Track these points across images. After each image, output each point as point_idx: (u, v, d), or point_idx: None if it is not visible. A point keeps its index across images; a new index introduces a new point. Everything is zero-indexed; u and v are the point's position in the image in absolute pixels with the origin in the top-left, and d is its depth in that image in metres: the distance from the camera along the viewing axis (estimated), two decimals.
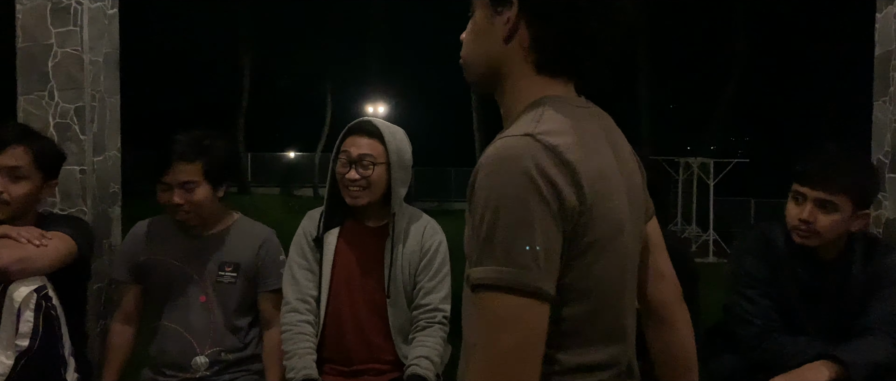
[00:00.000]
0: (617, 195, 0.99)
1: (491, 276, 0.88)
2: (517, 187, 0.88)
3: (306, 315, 1.98)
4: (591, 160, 0.95)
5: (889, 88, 2.26)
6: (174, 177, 1.92)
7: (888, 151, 2.26)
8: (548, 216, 0.89)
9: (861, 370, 1.79)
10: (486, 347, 0.88)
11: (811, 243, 1.90)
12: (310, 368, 1.90)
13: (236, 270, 2.03)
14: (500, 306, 0.87)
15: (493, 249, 0.88)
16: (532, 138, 0.91)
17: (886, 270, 1.97)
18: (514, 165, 0.89)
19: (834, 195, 1.83)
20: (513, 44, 1.00)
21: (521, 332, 0.87)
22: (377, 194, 1.97)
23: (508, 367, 0.87)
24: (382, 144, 1.96)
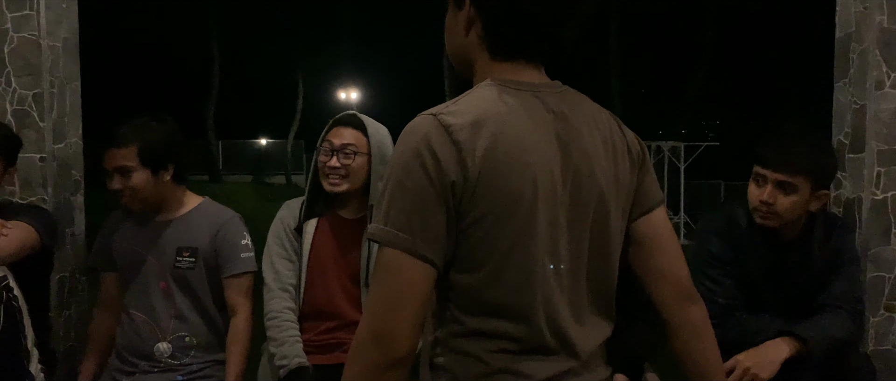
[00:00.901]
0: (522, 173, 1.03)
1: (375, 232, 1.02)
2: (406, 158, 1.01)
3: (289, 303, 2.01)
4: (497, 139, 1.02)
5: (849, 69, 2.30)
6: (110, 163, 1.92)
7: (848, 132, 2.30)
8: (428, 187, 1.00)
9: (820, 346, 1.84)
10: (372, 291, 1.03)
11: (772, 224, 1.94)
12: (300, 356, 1.91)
13: (194, 255, 2.00)
14: (382, 259, 1.02)
15: (380, 209, 1.02)
16: (433, 117, 1.04)
17: (845, 248, 2.03)
18: (410, 140, 1.03)
19: (793, 177, 1.87)
20: (470, 35, 1.12)
21: (397, 283, 1.00)
22: (356, 183, 2.00)
23: (384, 311, 1.00)
24: (365, 137, 2.00)
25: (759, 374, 1.80)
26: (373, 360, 1.00)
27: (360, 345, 1.01)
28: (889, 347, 2.22)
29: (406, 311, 1.00)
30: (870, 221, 2.21)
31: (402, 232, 0.99)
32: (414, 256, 1.00)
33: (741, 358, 1.83)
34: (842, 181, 2.35)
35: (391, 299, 1.00)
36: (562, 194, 1.06)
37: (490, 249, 1.03)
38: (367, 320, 1.01)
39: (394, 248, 1.00)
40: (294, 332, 1.96)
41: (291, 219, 2.07)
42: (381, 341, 0.99)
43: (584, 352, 1.11)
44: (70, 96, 2.29)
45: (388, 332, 0.99)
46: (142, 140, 1.91)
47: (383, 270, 1.01)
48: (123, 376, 1.98)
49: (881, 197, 2.20)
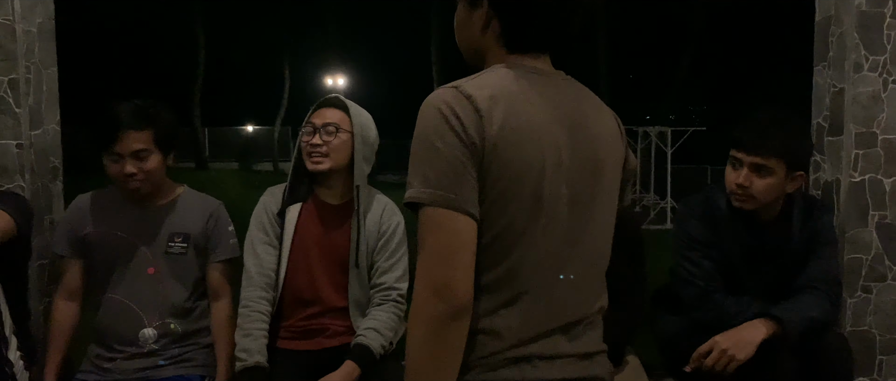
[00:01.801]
0: (532, 148, 1.11)
1: (414, 194, 1.07)
2: (435, 123, 1.08)
3: (266, 292, 2.01)
4: (510, 114, 1.09)
5: (828, 53, 2.31)
6: (126, 146, 1.88)
7: (827, 115, 2.32)
8: (460, 147, 1.07)
9: (796, 327, 1.86)
10: (421, 249, 1.07)
11: (748, 207, 1.96)
12: (261, 354, 1.91)
13: (186, 240, 2.01)
14: (427, 218, 1.07)
15: (415, 173, 1.08)
16: (455, 89, 1.10)
17: (823, 229, 2.05)
18: (433, 105, 1.09)
19: (767, 159, 1.88)
20: (488, 33, 1.20)
21: (446, 236, 1.06)
22: (339, 161, 1.99)
23: (439, 264, 1.05)
24: (348, 117, 2.01)
25: (736, 355, 1.83)
26: (437, 314, 1.05)
27: (422, 303, 1.06)
28: (866, 327, 2.25)
29: (459, 261, 1.06)
30: (847, 203, 2.23)
31: (444, 190, 1.05)
32: (458, 211, 1.06)
33: (718, 340, 1.86)
34: (820, 164, 2.37)
35: (444, 252, 1.05)
36: (568, 172, 1.14)
37: (496, 215, 1.10)
38: (424, 276, 1.06)
39: (438, 206, 1.05)
40: (262, 326, 1.96)
41: (274, 204, 2.07)
42: (442, 292, 1.04)
43: (578, 314, 1.18)
44: (47, 82, 2.26)
45: (447, 283, 1.05)
46: (156, 124, 1.92)
47: (430, 228, 1.06)
48: (105, 362, 1.97)
49: (859, 179, 2.22)
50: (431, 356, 1.07)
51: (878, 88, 2.20)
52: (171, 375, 1.96)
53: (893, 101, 2.20)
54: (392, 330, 2.00)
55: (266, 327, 1.98)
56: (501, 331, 1.11)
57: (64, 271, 2.05)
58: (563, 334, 1.15)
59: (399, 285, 2.04)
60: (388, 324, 1.98)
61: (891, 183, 2.22)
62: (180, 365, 1.99)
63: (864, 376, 2.26)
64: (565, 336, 1.16)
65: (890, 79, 2.19)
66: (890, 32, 2.18)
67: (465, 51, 1.26)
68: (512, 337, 1.11)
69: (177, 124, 2.01)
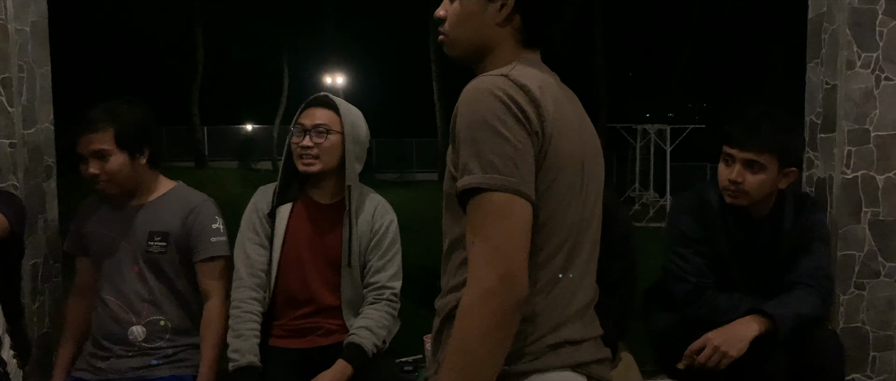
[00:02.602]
0: (573, 140, 1.14)
1: (478, 180, 1.04)
2: (495, 109, 1.06)
3: (256, 292, 2.00)
4: (553, 104, 1.12)
5: (821, 50, 2.31)
6: (86, 147, 1.90)
7: (820, 111, 2.32)
8: (523, 133, 1.06)
9: (787, 323, 1.87)
10: (484, 238, 1.04)
11: (741, 203, 1.96)
12: (253, 353, 1.92)
13: (165, 239, 1.99)
14: (489, 204, 1.04)
15: (477, 159, 1.05)
16: (505, 77, 1.10)
17: (815, 226, 2.05)
18: (489, 92, 1.07)
19: (760, 155, 1.89)
20: (507, 28, 1.20)
21: (513, 224, 1.04)
22: (330, 163, 1.99)
23: (506, 252, 1.02)
24: (338, 117, 1.99)
25: (728, 352, 1.83)
26: (504, 304, 1.02)
27: (487, 294, 1.02)
28: (859, 324, 2.25)
29: (524, 249, 1.04)
30: (840, 200, 2.23)
31: (509, 175, 1.04)
32: (522, 196, 1.04)
33: (711, 336, 1.86)
34: (813, 161, 2.37)
35: (510, 240, 1.03)
36: (589, 163, 1.19)
37: (543, 204, 1.11)
38: (489, 266, 1.02)
39: (503, 191, 1.03)
40: (254, 326, 1.96)
41: (265, 204, 2.06)
42: (509, 282, 1.02)
43: (586, 298, 1.22)
44: (40, 81, 2.26)
45: (514, 273, 1.02)
46: (118, 123, 1.90)
47: (495, 215, 1.03)
48: (98, 361, 1.97)
49: (851, 176, 2.22)
50: (494, 348, 1.04)
51: (871, 85, 2.20)
52: (164, 375, 1.97)
53: (886, 97, 2.20)
54: (385, 329, 2.00)
55: (257, 327, 1.97)
56: (536, 318, 1.12)
57: (77, 269, 2.09)
58: (580, 319, 1.19)
59: (392, 284, 2.04)
60: (381, 323, 1.98)
61: (883, 180, 2.22)
62: (173, 365, 1.99)
63: (858, 372, 2.26)
64: (581, 321, 1.19)
65: (882, 76, 2.19)
66: (882, 29, 2.18)
67: (462, 44, 1.24)
68: (545, 324, 1.13)
69: (147, 122, 1.98)
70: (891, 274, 2.24)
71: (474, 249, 1.04)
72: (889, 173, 2.22)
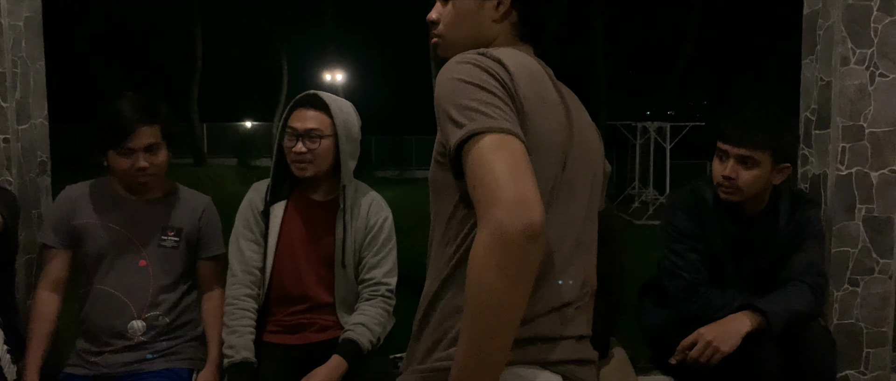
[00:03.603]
0: (555, 130, 1.11)
1: (466, 132, 0.99)
2: (465, 70, 1.05)
3: (250, 289, 2.01)
4: (530, 85, 1.09)
5: (816, 46, 2.31)
6: (140, 141, 1.90)
7: (814, 108, 2.32)
8: (495, 83, 1.04)
9: (780, 319, 1.87)
10: (485, 173, 0.96)
11: (735, 199, 1.97)
12: (248, 349, 1.92)
13: (179, 234, 2.03)
14: (481, 146, 0.98)
15: (460, 113, 1.01)
16: (482, 54, 1.08)
17: (809, 222, 2.06)
18: (460, 61, 1.07)
19: (753, 151, 1.90)
20: (504, 23, 1.21)
21: (511, 155, 0.97)
22: (324, 166, 1.99)
23: (513, 179, 0.95)
24: (329, 117, 1.97)
25: (720, 347, 1.84)
26: (518, 232, 0.92)
27: (498, 225, 0.93)
28: (853, 320, 2.25)
29: (532, 178, 0.97)
30: (834, 196, 2.23)
31: (495, 118, 1.00)
32: (515, 136, 0.99)
33: (703, 331, 1.87)
34: (808, 157, 2.37)
35: (514, 167, 0.96)
36: (584, 154, 1.16)
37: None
38: (495, 195, 0.94)
39: (495, 132, 0.98)
40: (249, 322, 1.97)
41: (259, 201, 2.06)
42: (522, 206, 0.93)
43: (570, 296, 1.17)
44: (34, 76, 2.26)
45: (526, 196, 0.94)
46: (162, 118, 1.95)
47: (491, 150, 0.97)
48: (91, 355, 1.97)
49: (845, 173, 2.22)
50: (514, 286, 0.94)
51: (865, 82, 2.19)
52: (159, 368, 1.97)
53: (880, 94, 2.20)
54: (380, 325, 2.00)
55: (252, 323, 1.98)
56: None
57: (48, 262, 2.01)
58: (558, 316, 1.14)
59: (387, 281, 2.04)
60: (376, 319, 1.98)
61: (877, 176, 2.22)
62: (168, 358, 1.99)
63: (852, 368, 2.26)
64: (559, 318, 1.14)
65: (877, 72, 2.19)
66: (877, 26, 2.18)
67: (463, 43, 1.22)
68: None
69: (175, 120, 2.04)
70: (885, 271, 2.24)
71: (477, 190, 0.97)
72: (883, 170, 2.22)
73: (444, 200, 1.13)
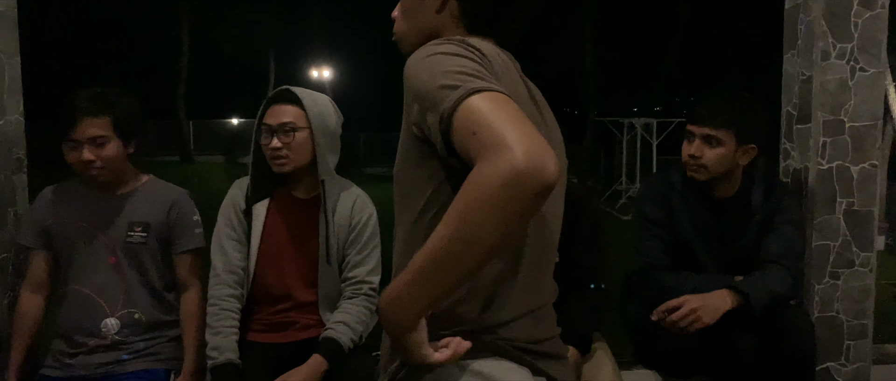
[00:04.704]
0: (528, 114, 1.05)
1: (465, 90, 0.89)
2: (439, 47, 0.98)
3: (234, 289, 1.98)
4: (505, 76, 1.04)
5: (797, 41, 2.32)
6: (83, 132, 1.86)
7: (796, 102, 2.33)
8: (472, 53, 0.98)
9: (761, 301, 1.91)
10: (491, 120, 0.85)
11: (701, 177, 2.03)
12: (232, 351, 1.90)
13: (146, 230, 1.98)
14: (477, 102, 0.88)
15: (454, 80, 0.91)
16: (451, 39, 1.02)
17: (784, 208, 2.08)
18: (438, 43, 1.00)
19: (716, 130, 1.97)
20: (444, 13, 1.14)
21: (511, 108, 0.88)
22: (302, 160, 1.96)
23: (517, 127, 0.84)
24: (303, 110, 1.95)
25: (702, 317, 1.88)
26: (532, 184, 0.81)
27: (514, 171, 0.80)
28: (834, 313, 2.26)
29: (534, 126, 0.86)
30: (815, 190, 2.24)
31: (484, 79, 0.92)
32: (508, 96, 0.90)
33: (690, 298, 1.91)
34: (790, 152, 2.38)
35: (515, 116, 0.86)
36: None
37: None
38: (509, 138, 0.82)
39: (487, 91, 0.88)
40: (232, 324, 1.94)
41: (241, 199, 2.03)
42: (539, 155, 0.81)
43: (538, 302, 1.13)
44: (9, 71, 2.22)
45: (542, 145, 0.83)
46: (115, 110, 1.89)
47: (494, 101, 0.87)
48: (66, 357, 1.94)
49: (826, 167, 2.23)
50: (504, 234, 0.84)
51: (846, 76, 2.20)
52: (136, 369, 1.94)
53: (860, 88, 2.21)
54: (362, 324, 1.99)
55: (236, 324, 1.96)
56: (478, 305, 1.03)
57: (30, 263, 2.02)
58: (532, 316, 1.10)
59: (371, 279, 2.02)
60: (358, 318, 1.97)
61: (858, 170, 2.23)
62: (145, 359, 1.97)
63: (833, 361, 2.28)
64: (533, 318, 1.11)
65: (857, 66, 2.20)
66: (857, 20, 2.19)
67: (413, 38, 1.18)
68: (483, 321, 1.04)
69: (139, 112, 1.98)
70: (865, 264, 2.25)
71: (480, 135, 0.85)
72: (863, 164, 2.23)
73: (409, 204, 1.06)
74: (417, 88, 0.97)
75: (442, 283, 0.89)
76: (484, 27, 1.13)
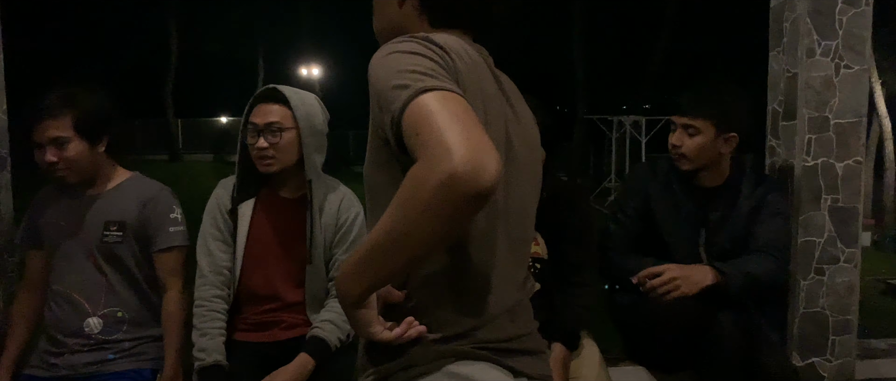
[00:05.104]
0: (495, 113, 1.05)
1: (414, 90, 0.89)
2: (404, 46, 0.97)
3: (220, 289, 1.97)
4: (464, 62, 1.02)
5: (783, 38, 2.33)
6: (43, 134, 1.85)
7: (781, 99, 2.34)
8: (432, 52, 0.97)
9: (737, 280, 1.95)
10: (433, 120, 0.85)
11: (685, 166, 2.08)
12: (219, 352, 1.88)
13: (122, 228, 1.96)
14: (429, 98, 0.88)
15: (406, 79, 0.91)
16: (413, 36, 1.01)
17: (770, 201, 2.11)
18: (397, 41, 1.00)
19: (695, 120, 2.03)
20: (406, 6, 1.13)
21: (458, 106, 0.87)
22: (288, 160, 1.95)
23: (460, 126, 0.84)
24: (290, 110, 1.93)
25: (681, 286, 1.92)
26: (469, 190, 0.80)
27: (452, 177, 0.80)
28: (819, 309, 2.28)
29: (485, 134, 0.84)
30: (801, 187, 2.25)
31: (436, 78, 0.91)
32: (459, 95, 0.90)
33: (672, 267, 1.96)
34: (776, 148, 2.39)
35: (468, 118, 0.85)
36: (506, 147, 1.07)
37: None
38: (450, 140, 0.81)
39: (437, 90, 0.88)
40: (219, 325, 1.93)
41: (227, 199, 2.01)
42: (478, 158, 0.80)
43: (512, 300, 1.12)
44: None
45: (483, 145, 0.82)
46: (76, 109, 1.86)
47: (440, 100, 0.87)
48: (51, 357, 1.92)
49: (812, 164, 2.24)
50: (443, 235, 0.85)
51: (831, 73, 2.22)
52: (122, 369, 1.93)
53: (845, 85, 2.22)
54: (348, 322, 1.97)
55: (223, 325, 1.94)
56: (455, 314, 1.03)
57: (27, 263, 2.02)
58: (509, 314, 1.10)
59: None
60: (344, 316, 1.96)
61: (842, 167, 2.25)
62: (131, 359, 1.95)
63: (818, 356, 2.30)
64: (510, 316, 1.10)
65: (842, 64, 2.22)
66: (841, 18, 2.20)
67: (384, 35, 1.17)
68: (460, 324, 1.04)
69: (107, 109, 1.94)
70: (850, 260, 2.27)
71: (422, 135, 0.84)
72: (848, 161, 2.25)
73: (377, 204, 1.05)
74: (376, 89, 0.97)
75: (382, 269, 0.92)
76: (448, 20, 1.11)
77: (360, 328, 1.02)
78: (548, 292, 2.00)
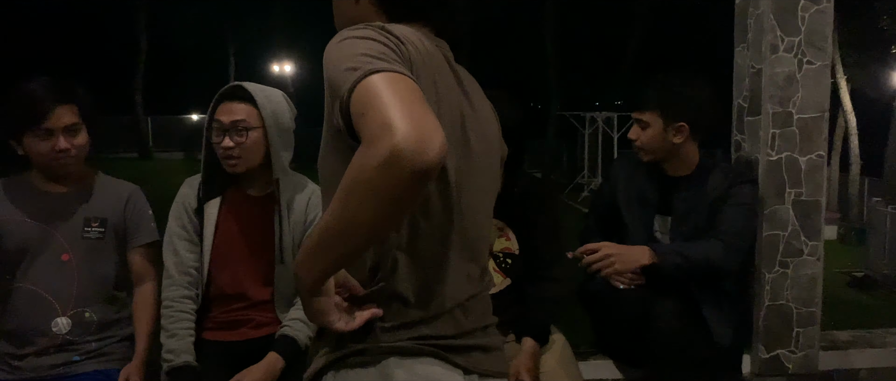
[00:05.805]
0: (452, 104, 1.05)
1: (362, 72, 0.88)
2: (358, 32, 0.97)
3: (188, 290, 1.95)
4: (419, 51, 1.01)
5: (747, 34, 2.37)
6: (58, 121, 1.81)
7: (747, 95, 2.38)
8: (384, 37, 0.97)
9: (670, 260, 2.00)
10: (372, 106, 0.85)
11: (644, 158, 2.18)
12: (188, 352, 1.87)
13: (103, 225, 1.95)
14: (372, 83, 0.87)
15: (356, 62, 0.91)
16: (371, 26, 1.00)
17: (735, 193, 2.14)
18: (352, 28, 0.99)
19: (643, 114, 2.11)
20: (362, 2, 1.13)
21: (405, 85, 0.88)
22: (255, 160, 1.92)
23: (408, 106, 0.84)
24: (256, 108, 1.90)
25: (615, 263, 1.97)
26: (413, 168, 0.80)
27: (396, 156, 0.80)
28: (783, 301, 2.32)
29: (431, 110, 0.85)
30: (765, 181, 2.29)
31: (386, 61, 0.91)
32: (408, 77, 0.89)
33: (608, 245, 2.00)
34: (741, 143, 2.43)
35: (414, 97, 0.85)
36: (462, 141, 1.07)
37: None
38: (394, 119, 0.81)
39: (385, 72, 0.88)
40: (188, 325, 1.91)
41: (192, 198, 1.99)
42: (423, 136, 0.80)
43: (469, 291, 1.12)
44: None
45: (428, 123, 0.82)
46: (81, 98, 1.86)
47: (386, 81, 0.86)
48: (15, 359, 1.88)
49: (775, 158, 2.28)
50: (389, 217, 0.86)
51: (794, 69, 2.26)
52: (88, 370, 1.89)
53: (808, 81, 2.26)
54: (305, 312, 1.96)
55: (191, 326, 1.92)
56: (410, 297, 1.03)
57: None
58: (461, 309, 1.10)
59: None
60: None
61: (806, 161, 2.29)
62: (97, 360, 1.92)
63: (783, 348, 2.34)
64: (462, 311, 1.10)
65: (804, 60, 2.26)
66: (804, 14, 2.24)
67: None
68: (408, 315, 1.04)
69: (93, 102, 1.94)
70: (813, 252, 2.31)
71: (367, 115, 0.84)
72: (811, 155, 2.29)
73: (331, 193, 1.01)
74: (328, 74, 0.96)
75: (332, 255, 0.93)
76: (405, 14, 1.10)
77: (317, 316, 1.02)
78: (519, 287, 2.01)
